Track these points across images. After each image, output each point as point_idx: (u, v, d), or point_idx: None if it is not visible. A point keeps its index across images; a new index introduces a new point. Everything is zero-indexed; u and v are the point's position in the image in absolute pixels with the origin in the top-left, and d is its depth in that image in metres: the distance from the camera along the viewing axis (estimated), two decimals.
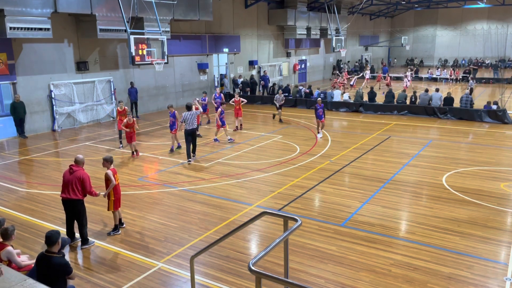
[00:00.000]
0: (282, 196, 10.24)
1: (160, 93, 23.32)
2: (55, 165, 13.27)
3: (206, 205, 9.80)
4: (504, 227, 8.50)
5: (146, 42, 16.90)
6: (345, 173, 12.06)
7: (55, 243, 5.41)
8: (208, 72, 26.48)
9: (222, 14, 26.73)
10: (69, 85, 18.55)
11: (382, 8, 48.35)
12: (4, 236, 6.02)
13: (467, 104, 20.14)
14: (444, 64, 52.07)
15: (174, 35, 22.31)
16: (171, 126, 14.35)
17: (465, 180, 11.26)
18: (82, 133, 17.81)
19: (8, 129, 16.86)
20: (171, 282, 6.68)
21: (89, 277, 6.83)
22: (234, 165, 12.91)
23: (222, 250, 7.55)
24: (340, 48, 30.95)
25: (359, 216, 9.02)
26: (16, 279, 5.11)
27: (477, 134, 17.06)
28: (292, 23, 31.65)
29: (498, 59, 47.16)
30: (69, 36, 18.43)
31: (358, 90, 23.49)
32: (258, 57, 31.21)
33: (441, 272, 6.80)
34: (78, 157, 7.87)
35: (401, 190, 10.59)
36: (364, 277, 6.71)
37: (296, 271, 6.89)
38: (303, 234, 8.14)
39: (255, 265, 3.31)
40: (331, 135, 16.80)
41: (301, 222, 4.07)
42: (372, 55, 53.05)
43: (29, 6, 15.21)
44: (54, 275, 5.31)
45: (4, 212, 9.46)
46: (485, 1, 41.68)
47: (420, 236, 8.06)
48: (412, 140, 15.94)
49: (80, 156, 7.89)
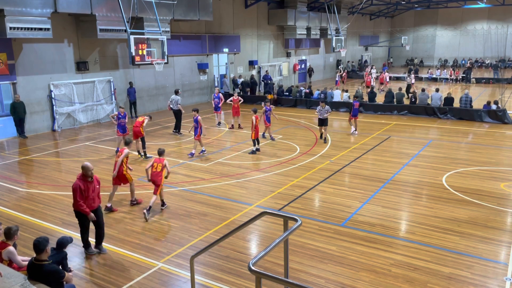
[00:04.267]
0: (282, 196, 10.24)
1: (160, 93, 23.32)
2: (55, 165, 13.27)
3: (206, 205, 9.79)
4: (504, 227, 8.50)
5: (146, 42, 16.90)
6: (345, 173, 12.06)
7: (43, 250, 5.29)
8: (208, 72, 26.49)
9: (222, 14, 26.73)
10: (69, 85, 18.55)
11: (382, 8, 48.35)
12: (7, 236, 6.02)
13: (467, 104, 20.15)
14: (444, 64, 52.11)
15: (174, 35, 22.31)
16: (195, 131, 13.60)
17: (465, 180, 11.26)
18: (82, 133, 17.81)
19: (8, 129, 16.85)
20: (171, 282, 6.68)
21: (89, 277, 6.83)
22: (234, 165, 12.91)
23: (222, 250, 7.55)
24: (340, 48, 30.97)
25: (359, 216, 9.02)
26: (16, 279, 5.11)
27: (477, 134, 17.06)
28: (292, 23, 31.65)
29: (498, 59, 47.17)
30: (69, 36, 18.43)
31: (357, 90, 23.50)
32: (258, 57, 31.22)
33: (441, 272, 6.80)
34: (86, 164, 7.30)
35: (401, 190, 10.59)
36: (364, 277, 6.71)
37: (296, 271, 6.89)
38: (303, 234, 8.14)
39: (255, 265, 3.31)
40: (331, 135, 16.80)
41: (301, 222, 4.07)
42: (372, 55, 53.05)
43: (29, 6, 15.21)
44: (46, 282, 5.26)
45: (4, 212, 9.47)
46: (485, 1, 41.68)
47: (420, 236, 8.06)
48: (412, 140, 15.95)
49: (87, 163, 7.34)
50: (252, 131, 14.04)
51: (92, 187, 7.29)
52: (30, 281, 5.12)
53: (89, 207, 7.19)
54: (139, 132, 13.51)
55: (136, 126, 13.54)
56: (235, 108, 17.92)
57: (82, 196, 7.13)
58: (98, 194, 7.46)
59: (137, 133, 13.55)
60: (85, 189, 7.15)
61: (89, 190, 7.22)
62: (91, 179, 7.30)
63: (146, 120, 13.78)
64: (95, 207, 7.36)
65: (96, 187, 7.40)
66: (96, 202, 7.39)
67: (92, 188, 7.28)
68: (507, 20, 48.80)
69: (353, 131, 17.05)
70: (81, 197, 7.12)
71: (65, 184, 11.38)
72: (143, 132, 13.56)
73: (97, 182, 7.48)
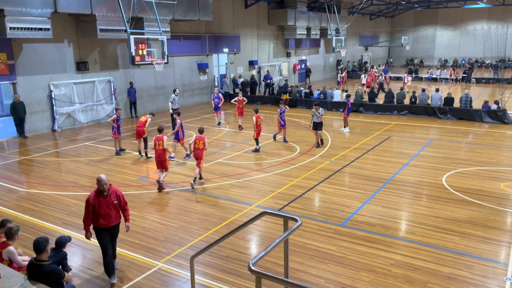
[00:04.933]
0: (282, 196, 10.24)
1: (160, 93, 23.32)
2: (55, 165, 13.27)
3: (206, 205, 9.80)
4: (504, 227, 8.50)
5: (146, 42, 16.91)
6: (345, 173, 12.06)
7: (43, 250, 5.28)
8: (208, 72, 26.49)
9: (222, 14, 26.73)
10: (69, 85, 18.55)
11: (382, 8, 48.36)
12: (8, 236, 6.01)
13: (467, 104, 20.15)
14: (444, 64, 52.11)
15: (174, 35, 22.31)
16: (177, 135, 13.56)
17: (465, 180, 11.26)
18: (82, 133, 17.81)
19: (8, 129, 16.86)
20: (171, 282, 6.68)
21: (89, 277, 6.83)
22: (234, 165, 12.91)
23: (222, 250, 7.55)
24: (340, 48, 30.98)
25: (359, 216, 9.02)
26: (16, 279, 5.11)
27: (477, 134, 17.06)
28: (292, 23, 31.65)
29: (498, 59, 47.17)
30: (69, 36, 18.43)
31: (357, 90, 23.49)
32: (258, 57, 31.22)
33: (441, 272, 6.80)
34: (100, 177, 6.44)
35: (401, 190, 10.59)
36: (364, 277, 6.70)
37: (296, 271, 6.89)
38: (303, 234, 8.14)
39: (255, 265, 3.31)
40: (331, 135, 16.80)
41: (301, 222, 4.07)
42: (372, 55, 53.06)
43: (29, 6, 15.21)
44: (46, 282, 5.26)
45: (4, 212, 9.46)
46: (485, 1, 41.68)
47: (420, 236, 8.06)
48: (412, 140, 15.95)
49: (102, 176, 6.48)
50: (254, 131, 14.11)
51: (107, 202, 6.40)
52: (30, 281, 5.12)
53: (103, 224, 6.41)
54: (142, 132, 13.54)
55: (140, 126, 13.57)
56: (240, 108, 17.98)
57: (92, 211, 6.36)
58: (116, 210, 6.56)
59: (140, 133, 13.59)
60: (97, 204, 6.33)
61: (102, 206, 6.35)
62: (106, 193, 6.41)
63: (149, 119, 13.78)
64: (110, 224, 6.48)
65: (114, 202, 6.48)
66: (112, 219, 6.49)
67: (107, 203, 6.40)
68: (507, 20, 48.81)
69: (344, 130, 17.40)
70: (89, 213, 6.37)
71: (65, 184, 11.38)
72: (146, 132, 13.58)
73: (116, 196, 6.52)
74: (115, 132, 13.89)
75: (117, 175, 12.05)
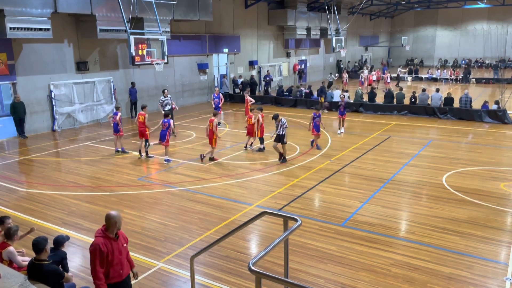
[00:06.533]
0: (282, 196, 10.24)
1: (160, 93, 23.22)
2: (55, 165, 13.27)
3: (206, 205, 9.79)
4: (504, 227, 8.50)
5: (146, 42, 16.90)
6: (345, 173, 12.06)
7: (43, 250, 5.27)
8: (208, 72, 26.49)
9: (222, 14, 26.73)
10: (69, 85, 18.55)
11: (382, 8, 48.35)
12: (8, 236, 6.02)
13: (467, 104, 20.15)
14: (444, 65, 52.12)
15: (174, 35, 22.30)
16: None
17: (465, 180, 11.26)
18: (82, 133, 17.81)
19: (8, 129, 16.85)
20: (171, 282, 6.68)
21: (89, 277, 6.82)
22: (234, 165, 12.91)
23: (222, 250, 7.55)
24: (340, 48, 30.98)
25: (359, 216, 9.02)
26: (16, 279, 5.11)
27: (477, 134, 17.06)
28: (292, 23, 31.65)
29: (498, 59, 47.17)
30: (69, 36, 18.43)
31: (357, 90, 23.50)
32: (258, 57, 31.21)
33: (441, 272, 6.80)
34: (112, 214, 5.05)
35: (401, 190, 10.59)
36: (364, 277, 6.71)
37: (296, 271, 6.89)
38: (303, 234, 8.14)
39: (255, 265, 3.31)
40: (331, 135, 16.80)
41: (301, 222, 4.07)
42: (372, 55, 53.05)
43: (29, 6, 15.21)
44: (46, 282, 5.26)
45: (4, 212, 9.46)
46: (485, 1, 41.69)
47: (420, 236, 8.06)
48: (412, 140, 15.94)
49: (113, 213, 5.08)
50: (258, 129, 14.15)
51: (118, 247, 5.04)
52: (30, 281, 5.12)
53: (115, 276, 5.05)
54: (145, 131, 13.68)
55: (141, 127, 13.63)
56: (246, 108, 18.04)
57: (104, 260, 4.90)
58: (127, 256, 5.28)
59: (142, 132, 13.70)
60: (108, 250, 4.91)
61: (114, 252, 4.97)
62: (116, 236, 5.06)
63: (146, 115, 13.82)
64: (123, 276, 5.15)
65: (124, 246, 5.16)
66: (125, 269, 5.17)
67: (118, 249, 5.04)
68: (507, 20, 48.81)
69: (339, 131, 17.23)
70: (101, 263, 4.89)
71: (65, 184, 11.39)
72: (148, 132, 13.68)
73: (124, 239, 5.23)
74: (121, 130, 14.04)
75: (117, 175, 12.06)
